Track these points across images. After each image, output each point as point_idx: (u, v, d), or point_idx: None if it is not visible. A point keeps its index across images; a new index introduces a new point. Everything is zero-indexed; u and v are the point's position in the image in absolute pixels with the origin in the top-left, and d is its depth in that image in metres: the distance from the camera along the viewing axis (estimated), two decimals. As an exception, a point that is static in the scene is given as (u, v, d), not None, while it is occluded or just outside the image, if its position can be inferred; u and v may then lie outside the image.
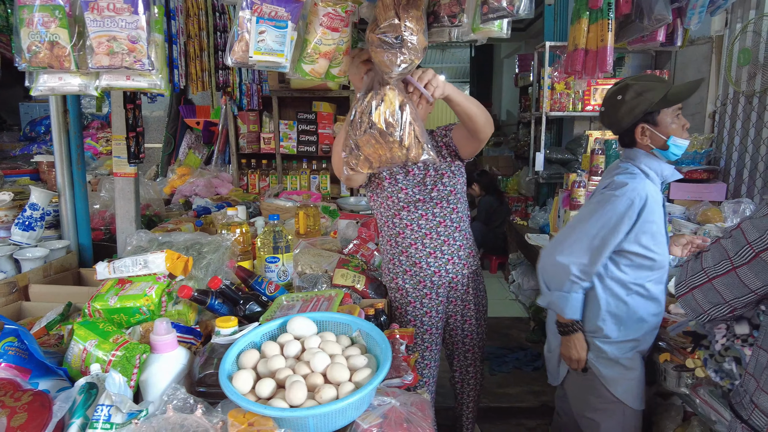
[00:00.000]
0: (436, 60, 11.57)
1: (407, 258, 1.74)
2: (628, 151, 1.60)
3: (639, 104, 1.52)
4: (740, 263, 0.87)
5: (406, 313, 1.77)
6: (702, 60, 3.48)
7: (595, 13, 2.02)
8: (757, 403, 0.84)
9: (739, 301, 0.89)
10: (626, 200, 1.45)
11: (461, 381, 1.97)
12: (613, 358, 1.56)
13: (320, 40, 1.16)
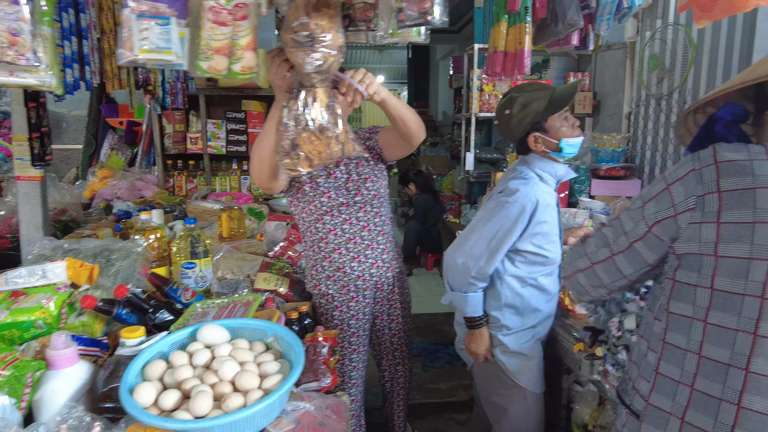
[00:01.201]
0: (374, 61, 11.64)
1: (330, 263, 1.72)
2: (525, 156, 1.68)
3: (526, 116, 1.61)
4: (618, 251, 0.93)
5: (333, 318, 1.75)
6: (618, 64, 3.69)
7: (514, 17, 2.09)
8: (637, 388, 0.89)
9: (614, 284, 0.97)
10: (518, 206, 1.54)
11: (391, 380, 1.98)
12: (514, 349, 1.65)
13: (210, 36, 1.13)
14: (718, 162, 0.80)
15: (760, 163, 0.77)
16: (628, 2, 2.06)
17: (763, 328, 0.73)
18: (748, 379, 0.74)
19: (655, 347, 0.88)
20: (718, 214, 0.78)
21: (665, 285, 0.88)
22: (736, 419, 0.75)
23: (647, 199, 0.90)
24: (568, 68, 4.17)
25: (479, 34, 4.20)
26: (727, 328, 0.77)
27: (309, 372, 1.24)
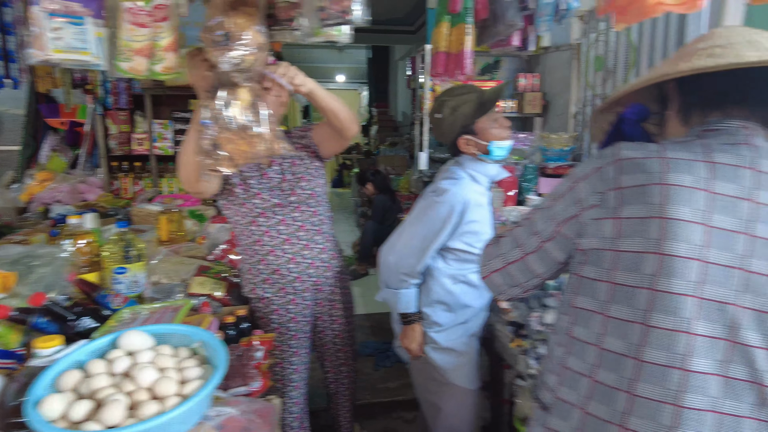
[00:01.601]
0: (334, 60, 11.59)
1: (266, 266, 1.69)
2: (458, 158, 1.70)
3: (456, 120, 1.63)
4: (529, 251, 0.95)
5: (271, 321, 1.72)
6: (565, 65, 3.79)
7: (455, 18, 2.12)
8: (546, 382, 0.92)
9: (528, 283, 0.98)
10: (447, 206, 1.56)
11: (335, 381, 1.97)
12: (446, 346, 1.67)
13: (129, 37, 1.10)
14: (620, 160, 0.82)
15: (652, 160, 0.79)
16: (566, 4, 2.12)
17: (654, 319, 0.76)
18: (640, 368, 0.76)
19: (562, 342, 0.89)
20: (617, 210, 0.80)
21: (571, 280, 0.90)
22: (628, 406, 0.77)
23: (556, 197, 0.91)
24: (519, 69, 4.26)
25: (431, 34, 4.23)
26: (623, 320, 0.79)
27: (238, 376, 1.21)
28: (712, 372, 0.74)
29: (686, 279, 0.74)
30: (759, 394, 0.74)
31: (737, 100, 0.83)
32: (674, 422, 0.74)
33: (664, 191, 0.76)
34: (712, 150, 0.79)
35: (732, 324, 0.74)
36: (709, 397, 0.74)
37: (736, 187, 0.76)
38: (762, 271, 0.74)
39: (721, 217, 0.75)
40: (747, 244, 0.74)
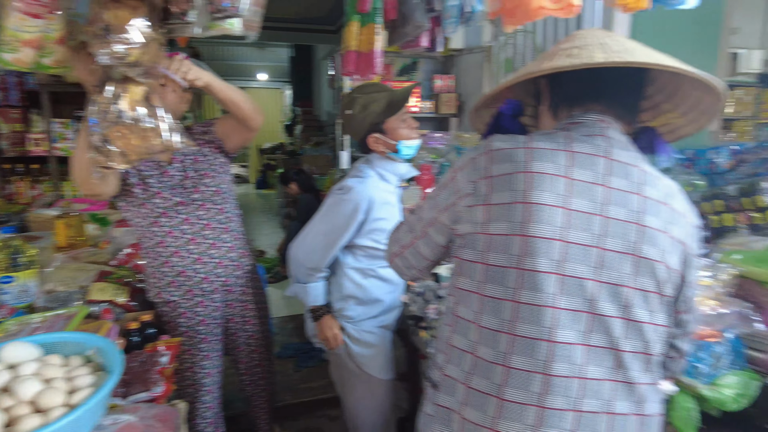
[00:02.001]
0: (255, 58, 11.31)
1: (171, 268, 1.63)
2: (368, 156, 1.74)
3: (365, 118, 1.66)
4: (418, 236, 1.02)
5: (179, 326, 1.66)
6: (478, 67, 3.95)
7: (365, 17, 2.15)
8: (436, 361, 0.97)
9: (420, 265, 1.05)
10: (352, 204, 1.60)
11: (251, 384, 1.93)
12: (359, 338, 1.71)
13: (18, 27, 1.03)
14: (490, 151, 0.89)
15: (518, 151, 0.86)
16: (470, 7, 2.21)
17: (523, 296, 0.82)
18: (513, 342, 0.83)
19: (448, 322, 0.95)
20: (487, 197, 0.87)
21: (454, 263, 0.96)
22: (504, 378, 0.83)
23: (440, 187, 0.98)
24: (435, 71, 4.38)
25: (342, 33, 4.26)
26: (496, 299, 0.85)
27: (139, 382, 1.17)
28: (575, 342, 0.81)
29: (549, 258, 0.81)
30: (616, 359, 0.83)
31: (594, 97, 0.92)
32: (544, 390, 0.81)
33: (528, 178, 0.83)
34: (573, 140, 0.86)
35: (591, 298, 0.82)
36: (574, 364, 0.81)
37: (591, 174, 0.84)
38: (615, 249, 0.82)
39: (579, 200, 0.82)
40: (602, 224, 0.82)
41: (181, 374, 1.70)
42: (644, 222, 0.84)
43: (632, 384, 0.84)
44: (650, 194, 0.86)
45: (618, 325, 0.83)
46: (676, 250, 0.87)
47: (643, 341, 0.85)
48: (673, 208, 0.88)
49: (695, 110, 0.99)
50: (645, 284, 0.84)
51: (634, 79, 0.94)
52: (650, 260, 0.84)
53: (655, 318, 0.86)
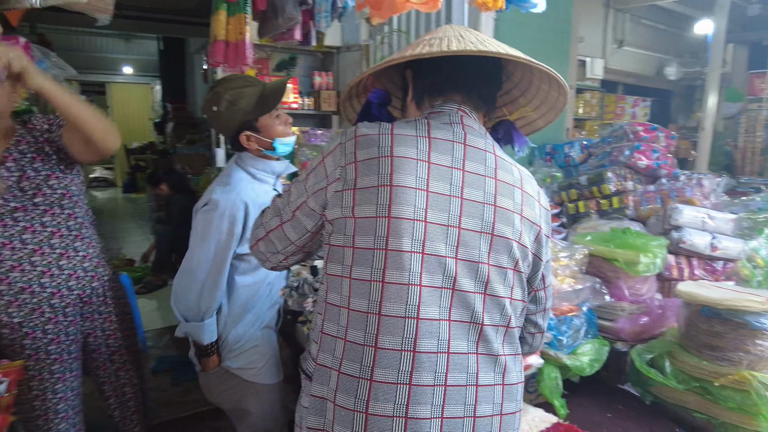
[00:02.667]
0: (120, 51, 10.36)
1: (10, 286, 1.40)
2: (239, 154, 1.59)
3: (234, 115, 1.50)
4: (285, 220, 1.00)
5: (24, 348, 1.43)
6: (356, 64, 3.98)
7: (233, 7, 2.04)
8: (310, 352, 0.96)
9: (286, 250, 1.03)
10: (227, 218, 1.45)
11: (120, 406, 1.72)
12: (244, 349, 1.58)
13: None
14: (357, 136, 0.90)
15: (383, 136, 0.88)
16: (342, 2, 2.21)
17: (388, 275, 0.84)
18: (381, 322, 0.84)
19: (320, 310, 0.94)
20: (354, 182, 0.88)
21: (324, 251, 0.96)
22: (374, 359, 0.83)
23: (309, 171, 0.97)
24: (314, 67, 4.34)
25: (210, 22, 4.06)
26: (364, 280, 0.86)
27: (-37, 419, 0.99)
28: (439, 317, 0.85)
29: (412, 238, 0.84)
30: (478, 332, 0.87)
31: (453, 87, 0.97)
32: (413, 367, 0.83)
33: (392, 162, 0.86)
34: (432, 128, 0.91)
35: (451, 275, 0.85)
36: (440, 339, 0.84)
37: (449, 159, 0.88)
38: (471, 228, 0.87)
39: (438, 183, 0.86)
40: (459, 206, 0.87)
41: (29, 403, 1.47)
42: (499, 203, 0.89)
43: (495, 356, 0.89)
44: (504, 178, 0.92)
45: (478, 300, 0.87)
46: (529, 230, 0.93)
47: (503, 315, 0.90)
48: (525, 191, 0.95)
49: (545, 104, 1.09)
50: (501, 261, 0.89)
51: (491, 72, 1.00)
52: (505, 238, 0.89)
53: (512, 293, 0.92)
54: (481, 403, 0.86)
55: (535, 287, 1.00)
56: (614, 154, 2.68)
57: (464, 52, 0.86)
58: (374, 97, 1.01)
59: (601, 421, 1.62)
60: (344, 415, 0.84)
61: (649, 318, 1.80)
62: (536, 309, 1.04)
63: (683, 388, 1.56)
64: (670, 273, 2.08)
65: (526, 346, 1.07)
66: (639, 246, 1.83)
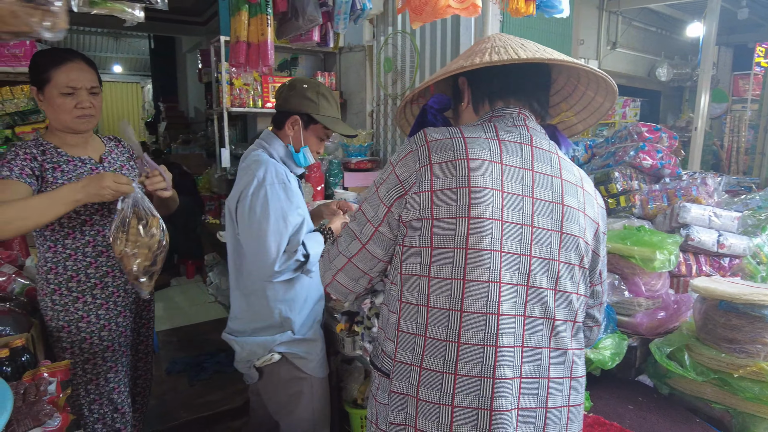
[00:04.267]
0: (110, 49, 10.23)
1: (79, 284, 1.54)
2: (270, 139, 1.70)
3: (310, 104, 1.64)
4: (366, 240, 1.01)
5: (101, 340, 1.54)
6: (359, 65, 4.01)
7: (254, 7, 2.06)
8: (385, 350, 0.99)
9: (373, 270, 1.04)
10: (277, 185, 1.55)
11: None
12: (299, 337, 1.66)
13: None
14: (429, 141, 0.94)
15: (457, 140, 0.93)
16: (361, 4, 2.24)
17: (470, 273, 0.87)
18: (463, 318, 0.87)
19: (394, 309, 0.96)
20: (431, 183, 0.91)
21: (397, 252, 0.99)
22: (457, 354, 0.87)
23: (379, 184, 1.00)
24: (316, 67, 4.36)
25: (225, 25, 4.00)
26: (444, 279, 0.89)
27: (27, 418, 1.00)
28: (517, 313, 0.89)
29: (492, 236, 0.87)
30: (551, 327, 0.91)
31: (512, 92, 1.01)
32: (495, 361, 0.87)
33: (469, 165, 0.89)
34: (500, 131, 0.95)
35: (527, 272, 0.89)
36: (515, 334, 0.88)
37: (519, 160, 0.92)
38: (543, 226, 0.91)
39: (511, 184, 0.90)
40: (531, 204, 0.91)
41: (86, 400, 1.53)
42: (566, 202, 0.93)
43: (564, 350, 0.93)
44: (568, 178, 0.96)
45: (550, 295, 0.91)
46: (590, 227, 0.97)
47: (570, 310, 0.94)
48: (585, 190, 0.99)
49: (586, 110, 1.14)
50: (570, 258, 0.93)
51: (544, 77, 1.05)
52: (573, 236, 0.93)
53: (578, 288, 0.96)
54: (552, 395, 0.91)
55: (594, 282, 1.04)
56: (619, 154, 2.75)
57: (535, 60, 0.90)
58: (435, 102, 1.05)
59: (624, 413, 1.67)
60: (429, 409, 0.88)
61: (665, 313, 1.86)
62: (594, 303, 1.08)
63: (702, 380, 1.62)
64: (679, 269, 2.16)
65: (585, 339, 1.10)
66: (655, 243, 1.89)
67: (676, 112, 7.32)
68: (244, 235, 1.56)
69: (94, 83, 1.50)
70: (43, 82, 1.44)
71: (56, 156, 1.48)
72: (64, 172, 1.47)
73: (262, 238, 1.51)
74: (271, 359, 1.65)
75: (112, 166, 1.57)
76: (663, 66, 6.37)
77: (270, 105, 3.87)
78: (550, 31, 3.27)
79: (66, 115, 1.47)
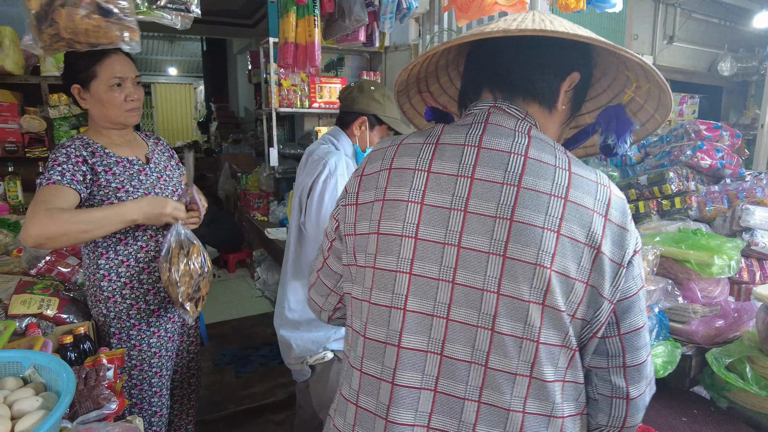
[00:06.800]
0: (165, 52, 10.68)
1: (148, 275, 1.56)
2: (340, 137, 1.75)
3: (379, 105, 1.71)
4: (326, 254, 0.93)
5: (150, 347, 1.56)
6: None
7: (302, 9, 2.10)
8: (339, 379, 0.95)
9: (338, 287, 0.93)
10: (347, 177, 1.60)
11: (181, 397, 1.77)
12: None
13: None
14: (375, 149, 0.86)
15: (390, 148, 0.82)
16: (407, 3, 2.24)
17: (374, 296, 0.77)
18: (366, 344, 0.77)
19: (347, 335, 0.89)
20: (357, 196, 0.83)
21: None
22: (359, 385, 0.78)
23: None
24: (362, 67, 4.39)
25: (274, 27, 4.12)
26: (357, 299, 0.80)
27: (88, 400, 1.06)
28: (428, 349, 0.73)
29: (400, 256, 0.75)
30: (481, 376, 0.72)
31: (490, 79, 0.81)
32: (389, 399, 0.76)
33: (389, 175, 0.79)
34: (446, 132, 0.79)
35: (447, 301, 0.73)
36: (427, 375, 0.73)
37: (455, 166, 0.75)
38: (475, 247, 0.72)
39: (436, 195, 0.74)
40: (462, 220, 0.73)
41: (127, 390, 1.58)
42: (517, 217, 0.70)
43: (504, 410, 0.72)
44: (533, 185, 0.71)
45: (482, 335, 0.72)
46: (572, 252, 0.70)
47: (522, 360, 0.71)
48: (571, 201, 0.71)
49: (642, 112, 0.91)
50: (520, 292, 0.70)
51: (544, 55, 0.80)
52: (525, 262, 0.70)
53: (534, 334, 0.71)
54: None
55: (601, 333, 0.75)
56: (674, 154, 2.62)
57: (514, 32, 0.69)
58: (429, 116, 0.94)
59: (677, 425, 1.60)
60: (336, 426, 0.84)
61: (724, 321, 1.77)
62: (608, 363, 0.78)
63: (765, 395, 1.52)
64: (740, 276, 2.04)
65: (602, 414, 0.81)
66: (713, 247, 1.79)
67: (740, 108, 6.90)
68: (310, 223, 1.61)
69: (137, 73, 1.50)
70: (88, 79, 1.42)
71: (106, 158, 1.45)
72: (116, 175, 1.45)
73: (324, 227, 1.55)
74: (324, 358, 1.67)
75: (158, 167, 1.57)
76: (726, 60, 6.02)
77: (317, 105, 3.93)
78: (602, 26, 3.17)
79: (115, 110, 1.44)
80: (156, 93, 11.51)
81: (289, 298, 1.70)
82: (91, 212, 1.32)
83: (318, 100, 3.94)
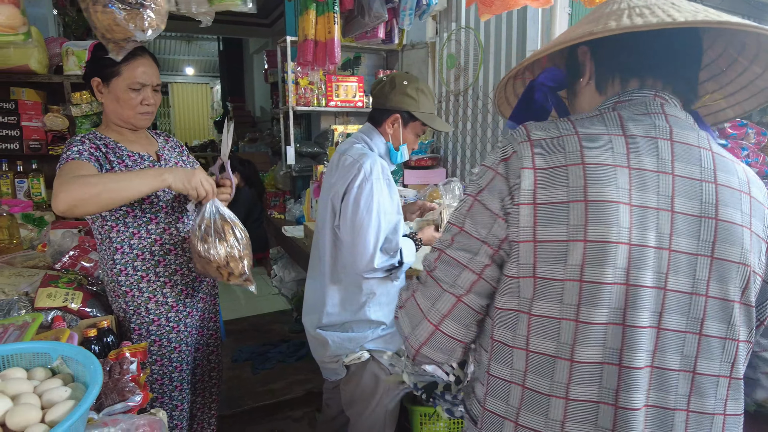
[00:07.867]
0: (182, 52, 10.80)
1: (165, 268, 1.57)
2: (373, 136, 1.70)
3: (410, 102, 1.64)
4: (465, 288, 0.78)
5: (170, 342, 1.57)
6: (421, 62, 3.99)
7: (322, 6, 2.10)
8: (475, 392, 0.84)
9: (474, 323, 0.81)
10: (383, 180, 1.56)
11: (203, 391, 1.80)
12: (390, 333, 1.67)
13: None
14: (531, 140, 0.73)
15: (569, 138, 0.71)
16: (426, 0, 2.23)
17: (584, 314, 0.68)
18: (573, 369, 0.69)
19: (486, 345, 0.80)
20: (534, 194, 0.71)
21: None
22: (564, 412, 0.70)
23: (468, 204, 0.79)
24: (378, 65, 4.38)
25: (291, 26, 4.15)
26: (550, 317, 0.70)
27: (113, 393, 1.07)
28: (644, 365, 0.69)
29: (615, 266, 0.67)
30: (689, 383, 0.70)
31: (652, 67, 0.77)
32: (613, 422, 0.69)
33: (585, 171, 0.69)
34: (626, 122, 0.72)
35: (658, 310, 0.69)
36: (643, 391, 0.69)
37: (654, 161, 0.70)
38: (685, 249, 0.68)
39: (643, 194, 0.68)
40: (670, 221, 0.68)
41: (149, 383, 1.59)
42: (722, 216, 0.70)
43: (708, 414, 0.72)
44: (726, 181, 0.71)
45: (691, 341, 0.70)
46: (757, 248, 0.72)
47: (724, 361, 0.71)
48: (753, 197, 0.73)
49: (746, 90, 0.85)
50: (726, 292, 0.70)
51: (694, 48, 0.78)
52: (731, 262, 0.70)
53: (735, 333, 0.72)
54: None
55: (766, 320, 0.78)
56: (698, 152, 2.58)
57: (699, 23, 0.65)
58: (547, 77, 0.85)
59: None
60: None
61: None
62: None
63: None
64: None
65: (761, 390, 0.84)
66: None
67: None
68: (345, 227, 1.56)
69: (159, 81, 1.52)
70: (112, 75, 1.43)
71: (118, 151, 1.46)
72: (128, 167, 1.46)
73: (363, 232, 1.51)
74: (361, 357, 1.65)
75: (168, 163, 1.57)
76: (748, 57, 5.90)
77: (333, 104, 3.94)
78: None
79: (129, 111, 1.46)
80: (173, 92, 11.64)
81: (327, 303, 1.66)
82: (120, 173, 1.35)
83: (335, 99, 3.94)
